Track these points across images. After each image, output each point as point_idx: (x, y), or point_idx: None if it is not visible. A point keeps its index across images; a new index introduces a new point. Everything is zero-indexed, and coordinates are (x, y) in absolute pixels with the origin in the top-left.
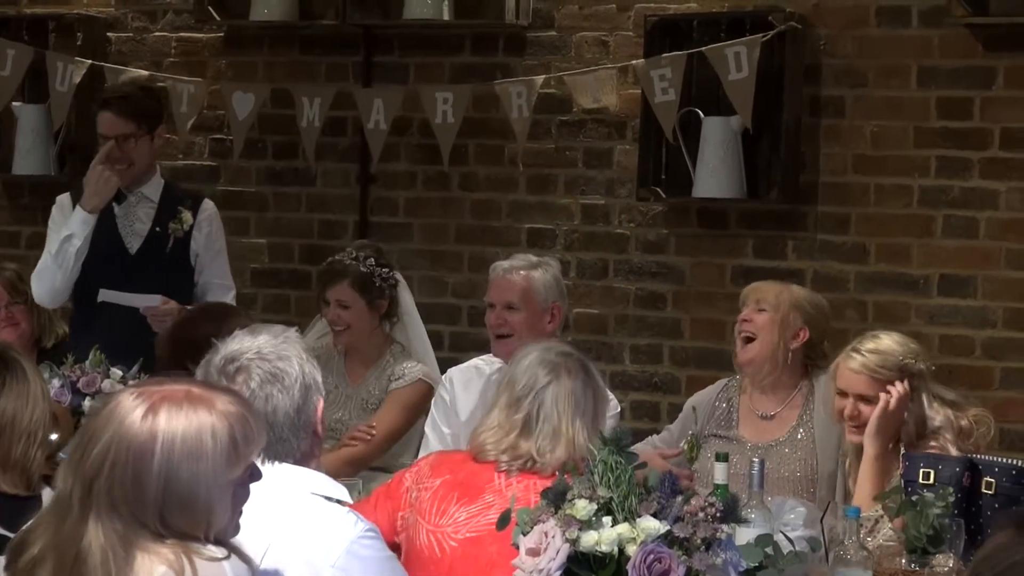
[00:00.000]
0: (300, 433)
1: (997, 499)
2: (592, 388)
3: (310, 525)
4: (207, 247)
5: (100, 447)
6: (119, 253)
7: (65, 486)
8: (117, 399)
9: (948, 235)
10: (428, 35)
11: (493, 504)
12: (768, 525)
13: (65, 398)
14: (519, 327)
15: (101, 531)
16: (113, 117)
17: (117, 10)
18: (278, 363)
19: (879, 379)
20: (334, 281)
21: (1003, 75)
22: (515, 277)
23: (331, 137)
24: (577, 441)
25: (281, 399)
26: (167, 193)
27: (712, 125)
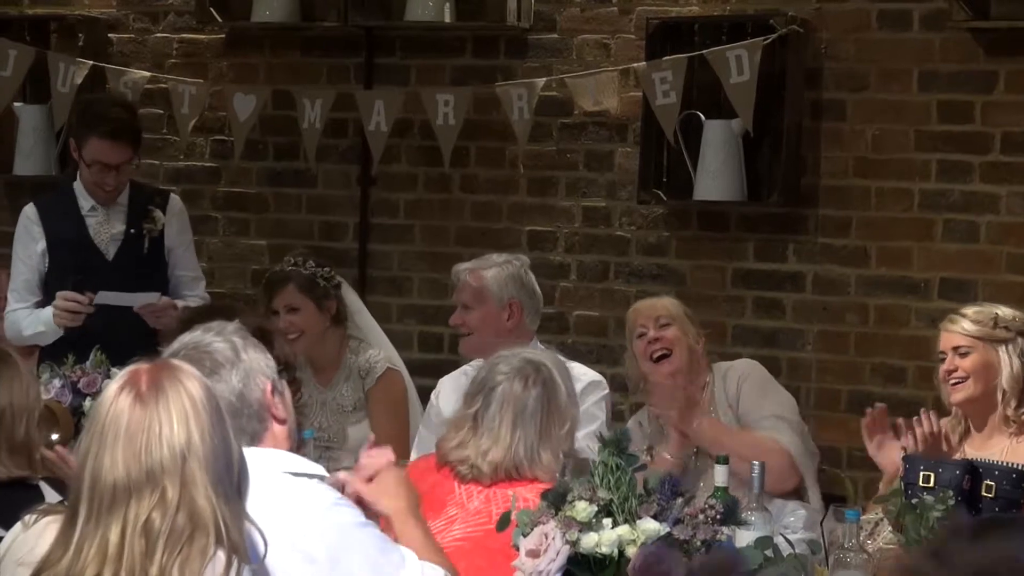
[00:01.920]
0: (251, 417)
1: (997, 502)
2: (546, 402)
3: (285, 507)
4: (179, 242)
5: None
6: (97, 260)
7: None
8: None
9: (949, 239)
10: (429, 37)
11: (456, 518)
12: (768, 527)
13: (66, 398)
14: (476, 325)
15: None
16: (115, 146)
17: (119, 11)
18: (205, 352)
19: (969, 334)
20: (279, 287)
21: (1004, 79)
22: (467, 277)
23: (332, 139)
24: (516, 449)
25: (223, 386)
26: (135, 194)
27: (713, 128)
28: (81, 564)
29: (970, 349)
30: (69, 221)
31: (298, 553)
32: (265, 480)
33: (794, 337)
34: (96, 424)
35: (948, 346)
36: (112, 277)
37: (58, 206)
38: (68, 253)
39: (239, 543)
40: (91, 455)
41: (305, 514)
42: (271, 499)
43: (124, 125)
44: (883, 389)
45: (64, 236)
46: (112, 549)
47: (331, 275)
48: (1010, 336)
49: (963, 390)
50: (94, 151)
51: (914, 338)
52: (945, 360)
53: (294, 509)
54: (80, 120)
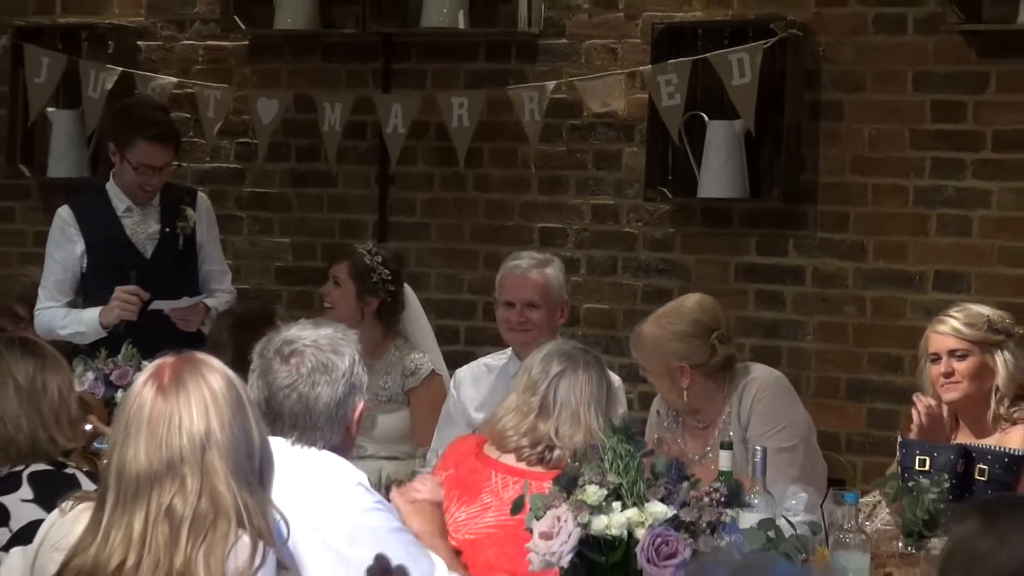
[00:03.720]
0: (335, 426)
1: (990, 485)
2: (605, 381)
3: (321, 497)
4: (208, 238)
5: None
6: (136, 259)
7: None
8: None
9: (943, 233)
10: (444, 43)
11: (490, 505)
12: (770, 510)
13: (99, 390)
14: (539, 323)
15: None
16: (162, 148)
17: (147, 19)
18: (331, 355)
19: (965, 338)
20: (338, 259)
21: (995, 80)
22: (534, 275)
23: (351, 141)
24: (592, 428)
25: (326, 389)
26: (166, 193)
27: (716, 128)
28: (108, 551)
29: (967, 352)
30: (106, 222)
31: (332, 553)
32: (308, 482)
33: (795, 328)
34: (122, 416)
35: (943, 349)
36: (151, 274)
37: (93, 208)
38: (107, 253)
39: (263, 528)
40: (118, 445)
41: (341, 517)
42: (311, 500)
43: (169, 128)
44: (880, 377)
45: (102, 237)
46: (136, 536)
47: (389, 278)
48: (1002, 339)
49: (956, 390)
50: (141, 154)
51: (910, 328)
52: (939, 362)
53: (331, 511)
54: (123, 124)
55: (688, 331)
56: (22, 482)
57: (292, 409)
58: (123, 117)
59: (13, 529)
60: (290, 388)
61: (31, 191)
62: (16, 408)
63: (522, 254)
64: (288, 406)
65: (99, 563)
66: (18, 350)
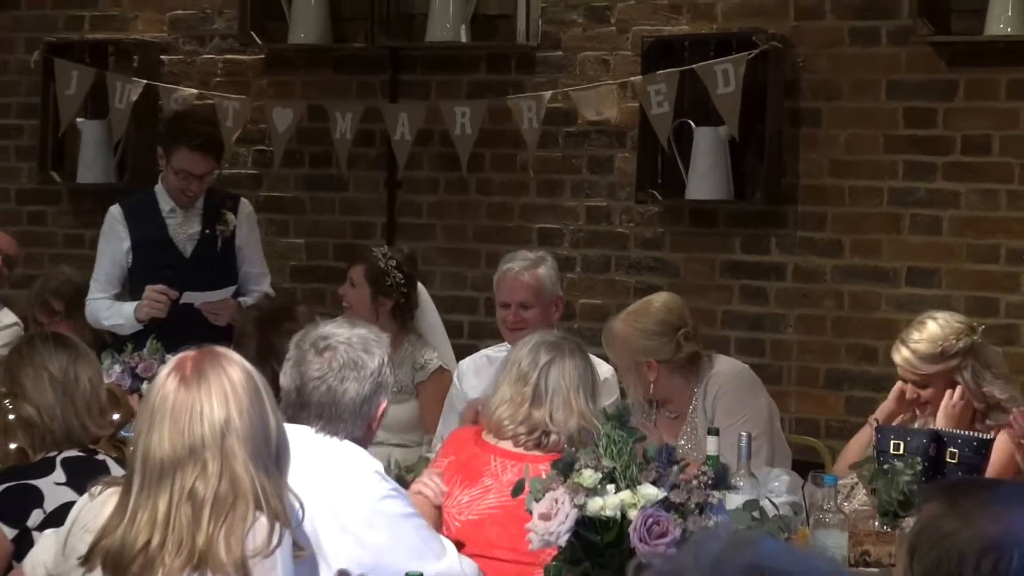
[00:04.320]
0: (358, 421)
1: (960, 467)
2: (590, 367)
3: (340, 483)
4: (247, 241)
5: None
6: (176, 258)
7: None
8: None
9: (915, 232)
10: (448, 56)
11: (491, 488)
12: (755, 492)
13: (125, 382)
14: (533, 321)
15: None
16: (203, 158)
17: (169, 35)
18: (362, 354)
19: (920, 372)
20: (355, 261)
21: (963, 88)
22: (526, 278)
23: (361, 148)
24: (584, 411)
25: (353, 385)
26: (209, 198)
27: (703, 134)
28: (135, 531)
29: (927, 383)
30: (151, 221)
31: (350, 536)
32: (328, 468)
33: (777, 321)
34: (147, 405)
35: (907, 378)
36: (189, 272)
37: (141, 207)
38: (150, 250)
39: (279, 509)
40: (143, 433)
41: (358, 502)
42: (331, 485)
43: (211, 139)
44: (857, 367)
45: (146, 235)
46: (161, 517)
47: (403, 282)
48: (960, 361)
49: (931, 412)
50: (183, 161)
51: (884, 321)
52: (908, 384)
53: (349, 497)
54: (171, 131)
55: (655, 329)
56: (55, 466)
57: (320, 400)
58: (172, 125)
59: (47, 510)
60: (320, 380)
61: (61, 196)
62: (51, 398)
63: (516, 255)
64: (316, 397)
65: (126, 543)
66: (52, 344)
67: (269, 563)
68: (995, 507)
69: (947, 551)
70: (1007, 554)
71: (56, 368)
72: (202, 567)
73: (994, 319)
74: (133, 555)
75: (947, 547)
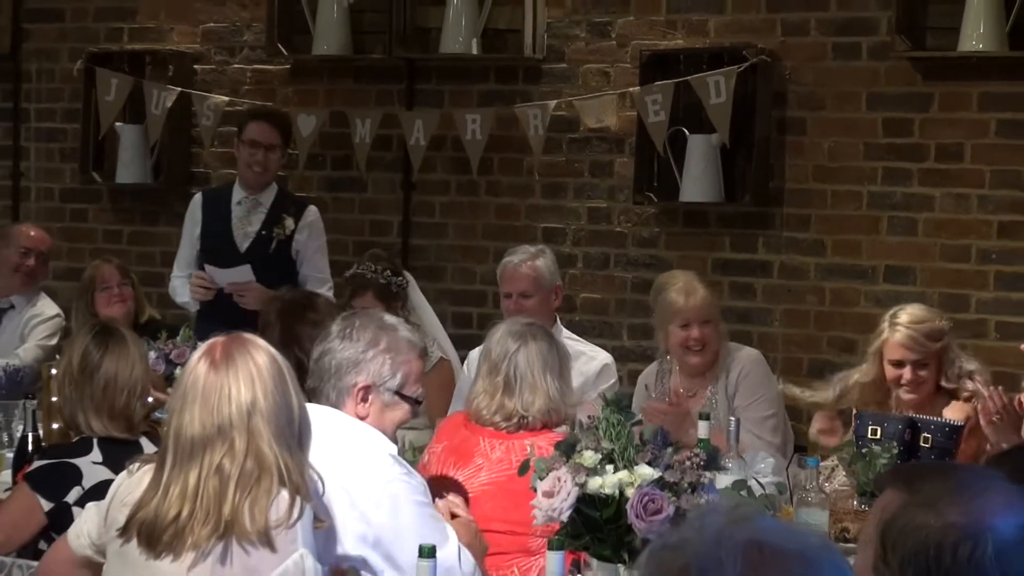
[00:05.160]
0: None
1: (933, 451)
2: (556, 348)
3: (355, 462)
4: (307, 246)
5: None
6: (230, 250)
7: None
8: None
9: (892, 233)
10: (460, 67)
11: (482, 467)
12: (743, 472)
13: (160, 367)
14: (533, 309)
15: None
16: (268, 128)
17: (202, 47)
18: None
19: (931, 351)
20: (360, 292)
21: (938, 100)
22: (524, 269)
23: (379, 152)
24: (551, 393)
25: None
26: (278, 200)
27: (696, 141)
28: (167, 504)
29: (928, 361)
30: (221, 211)
31: (356, 512)
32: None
33: (763, 315)
34: (180, 388)
35: (908, 358)
36: (238, 265)
37: (216, 197)
38: (212, 240)
39: (300, 484)
40: (175, 413)
41: (370, 482)
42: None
43: (275, 113)
44: (837, 358)
45: (212, 226)
46: (191, 491)
47: (402, 280)
48: (946, 343)
49: (919, 392)
50: (250, 131)
51: (863, 315)
52: (902, 368)
53: (362, 476)
54: (243, 114)
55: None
56: (93, 447)
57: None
58: (245, 111)
59: (85, 487)
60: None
61: (102, 195)
62: (66, 389)
63: (517, 249)
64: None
65: (159, 515)
66: (86, 336)
67: (291, 534)
68: (961, 496)
69: (923, 543)
70: (982, 540)
71: (75, 360)
72: (227, 535)
73: (965, 314)
74: (165, 525)
75: (922, 539)
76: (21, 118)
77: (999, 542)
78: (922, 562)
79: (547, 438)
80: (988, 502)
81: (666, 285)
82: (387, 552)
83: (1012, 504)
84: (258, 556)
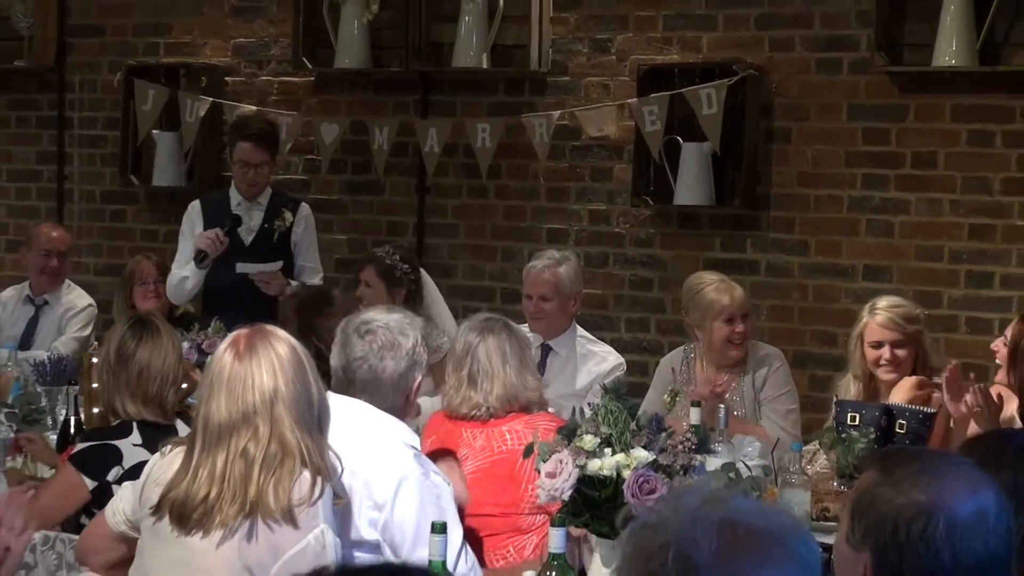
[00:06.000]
0: (397, 393)
1: (907, 437)
2: (514, 338)
3: (377, 454)
4: (303, 239)
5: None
6: (238, 245)
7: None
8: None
9: (870, 234)
10: (471, 79)
11: (468, 456)
12: (731, 456)
13: (192, 356)
14: (551, 312)
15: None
16: (255, 148)
17: (233, 60)
18: (399, 336)
19: (909, 332)
20: (364, 265)
21: (913, 111)
22: (546, 275)
23: (396, 158)
24: (509, 380)
25: (391, 363)
26: (273, 199)
27: (689, 149)
28: (196, 485)
29: (906, 342)
30: (222, 213)
31: (371, 502)
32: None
33: (751, 310)
34: (208, 377)
35: (887, 339)
36: (248, 257)
37: (215, 202)
38: None
39: (321, 465)
40: (203, 401)
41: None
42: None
43: (263, 133)
44: (819, 350)
45: (217, 224)
46: (218, 472)
47: (410, 270)
48: (922, 328)
49: (894, 372)
50: (240, 152)
51: (843, 310)
52: (881, 349)
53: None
54: (232, 130)
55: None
56: (133, 430)
57: (363, 377)
58: (234, 124)
59: (125, 467)
60: (363, 360)
61: (139, 197)
62: (104, 376)
63: (543, 254)
64: (360, 375)
65: (189, 495)
66: (124, 327)
67: (312, 511)
68: (925, 477)
69: (883, 516)
70: (934, 519)
71: (113, 349)
72: (253, 514)
73: (938, 310)
74: (195, 505)
75: (883, 512)
76: (65, 126)
77: (951, 521)
78: (880, 534)
79: (522, 422)
80: (949, 485)
81: (700, 285)
82: (393, 535)
83: (972, 489)
84: (281, 532)
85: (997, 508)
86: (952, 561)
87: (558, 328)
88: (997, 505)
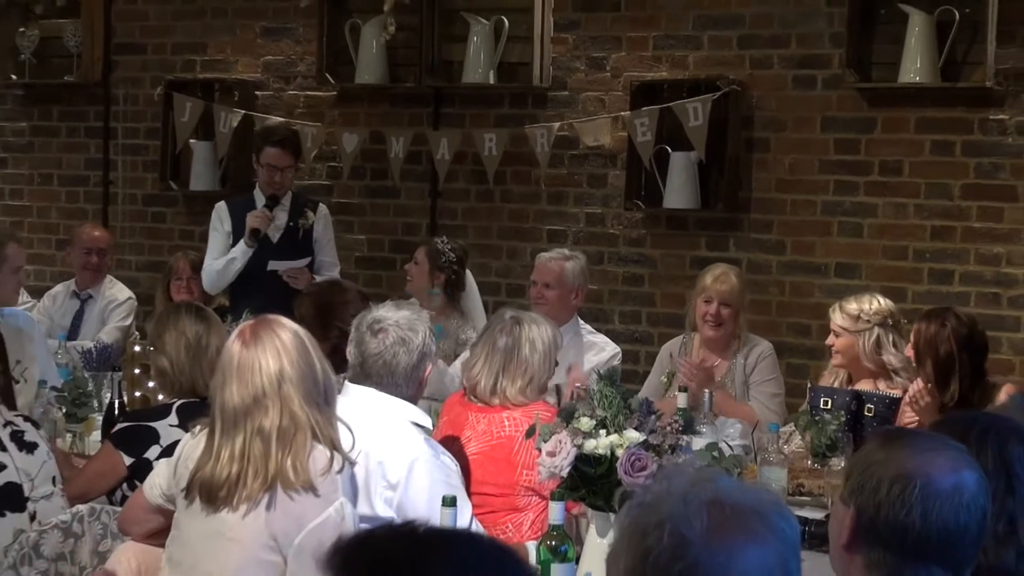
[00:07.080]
0: (410, 383)
1: (875, 419)
2: (512, 338)
3: (390, 437)
4: (323, 235)
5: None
6: (266, 242)
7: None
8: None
9: (842, 235)
10: (479, 94)
11: (471, 438)
12: (715, 436)
13: None
14: (551, 300)
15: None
16: (282, 153)
17: (262, 76)
18: (408, 332)
19: (840, 325)
20: (421, 246)
21: (881, 123)
22: (552, 265)
23: (411, 165)
24: (502, 386)
25: (404, 358)
26: (295, 200)
27: (677, 158)
28: (220, 467)
29: (840, 334)
30: (246, 213)
31: (384, 482)
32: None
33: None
34: (220, 366)
35: (831, 327)
36: (275, 253)
37: (241, 203)
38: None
39: (334, 437)
40: (218, 388)
41: (399, 452)
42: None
43: (288, 138)
44: (795, 340)
45: (243, 224)
46: (238, 453)
47: (455, 261)
48: (868, 326)
49: (835, 358)
50: (267, 156)
51: (816, 305)
52: (830, 336)
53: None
54: (258, 137)
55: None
56: (171, 411)
57: (379, 372)
58: (261, 132)
59: (163, 446)
60: (377, 356)
61: (177, 200)
62: (183, 357)
63: (557, 249)
64: (376, 369)
65: (215, 476)
66: (193, 315)
67: (332, 482)
68: (915, 449)
69: (870, 476)
70: (912, 483)
71: (192, 334)
72: (274, 487)
73: (903, 304)
74: (220, 484)
75: (870, 473)
76: (111, 135)
77: (926, 488)
78: (864, 492)
79: (520, 411)
80: (935, 459)
81: (706, 269)
82: (405, 517)
83: (955, 467)
84: (302, 501)
85: (975, 488)
86: (922, 524)
87: (559, 319)
88: (976, 486)
